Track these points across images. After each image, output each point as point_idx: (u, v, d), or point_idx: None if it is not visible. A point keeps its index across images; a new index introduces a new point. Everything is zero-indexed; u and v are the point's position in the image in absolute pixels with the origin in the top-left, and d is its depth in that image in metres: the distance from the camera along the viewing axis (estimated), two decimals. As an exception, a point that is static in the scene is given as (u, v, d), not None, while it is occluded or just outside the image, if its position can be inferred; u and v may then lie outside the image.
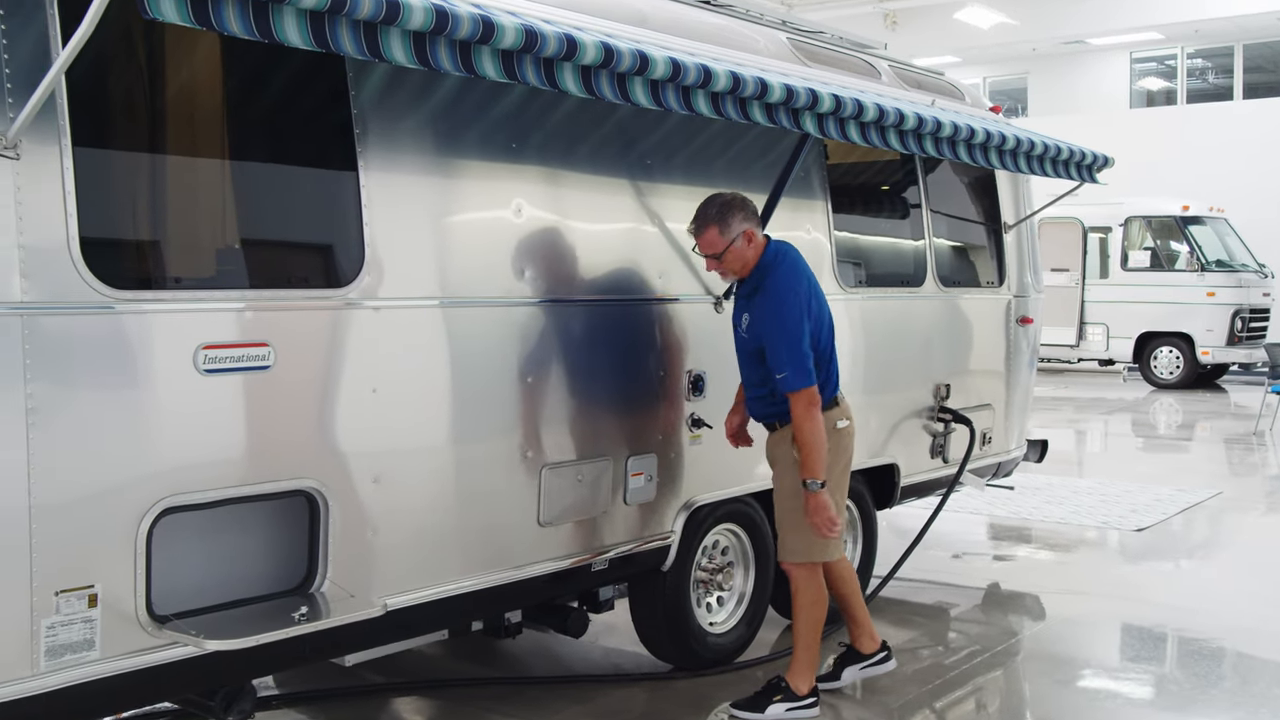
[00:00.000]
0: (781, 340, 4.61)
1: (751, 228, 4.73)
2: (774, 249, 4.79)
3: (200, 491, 3.50)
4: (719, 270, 4.81)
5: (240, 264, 3.70)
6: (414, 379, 4.05)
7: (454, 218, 4.22)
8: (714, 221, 4.69)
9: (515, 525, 4.42)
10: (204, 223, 3.66)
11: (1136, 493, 9.96)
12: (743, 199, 4.77)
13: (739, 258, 4.73)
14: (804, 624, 4.90)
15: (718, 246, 4.71)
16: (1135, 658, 5.89)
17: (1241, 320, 18.72)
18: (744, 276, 4.82)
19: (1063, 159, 6.42)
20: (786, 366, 4.60)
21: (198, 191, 3.64)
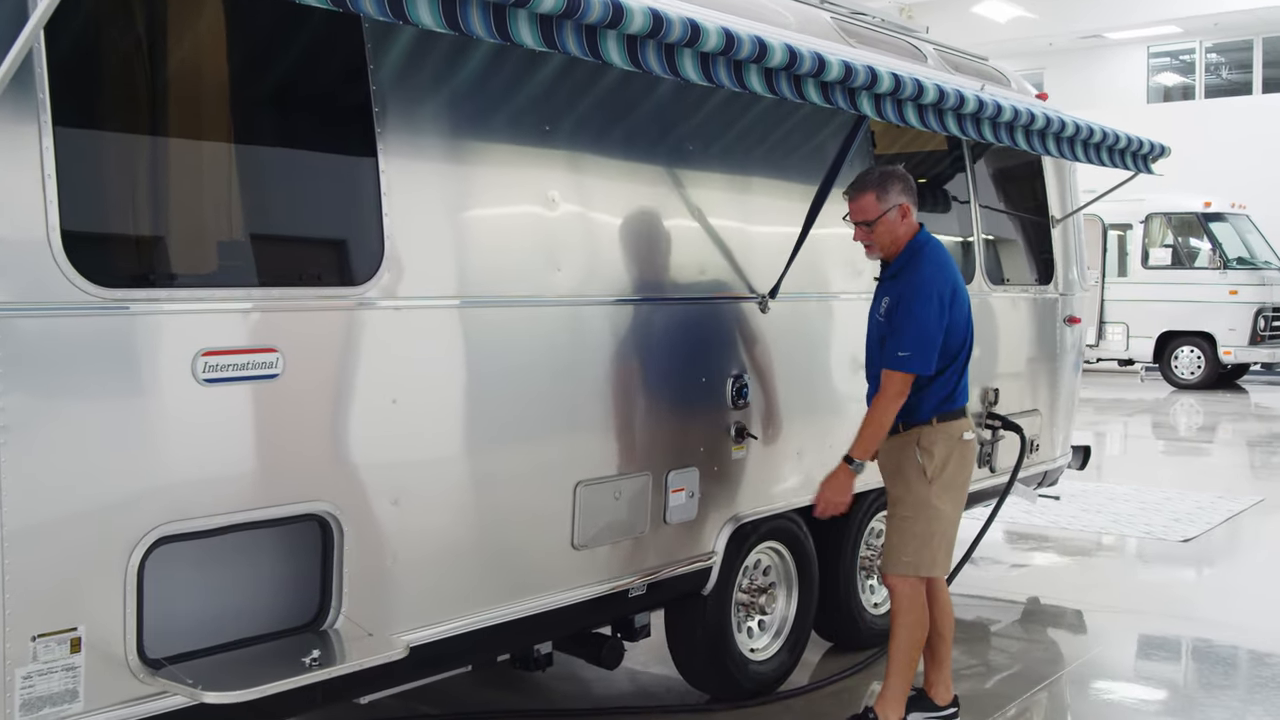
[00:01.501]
0: (912, 322, 4.33)
1: (909, 204, 4.46)
2: (926, 235, 4.51)
3: (200, 518, 3.08)
4: (866, 242, 4.51)
5: (245, 259, 3.28)
6: (438, 388, 3.63)
7: (482, 208, 3.80)
8: (873, 187, 4.43)
9: (548, 549, 4.00)
10: (204, 212, 3.22)
11: (1176, 500, 9.55)
12: (905, 173, 4.50)
13: (890, 231, 4.44)
14: (902, 646, 4.52)
15: (870, 214, 4.42)
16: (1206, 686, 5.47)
17: (1265, 319, 18.30)
18: (890, 257, 4.52)
19: (1120, 147, 6.01)
20: (910, 347, 4.32)
21: (198, 177, 3.21)
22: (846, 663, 5.49)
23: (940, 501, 4.45)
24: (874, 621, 5.71)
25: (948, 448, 4.45)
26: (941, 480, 4.44)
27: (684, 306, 4.50)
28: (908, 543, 4.48)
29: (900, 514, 4.52)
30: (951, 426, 4.47)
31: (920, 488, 4.45)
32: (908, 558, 4.48)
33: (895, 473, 4.57)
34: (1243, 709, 5.08)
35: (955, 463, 4.46)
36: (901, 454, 4.52)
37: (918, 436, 4.46)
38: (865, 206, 4.44)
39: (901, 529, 4.51)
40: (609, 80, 4.14)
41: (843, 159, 4.75)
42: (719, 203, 4.64)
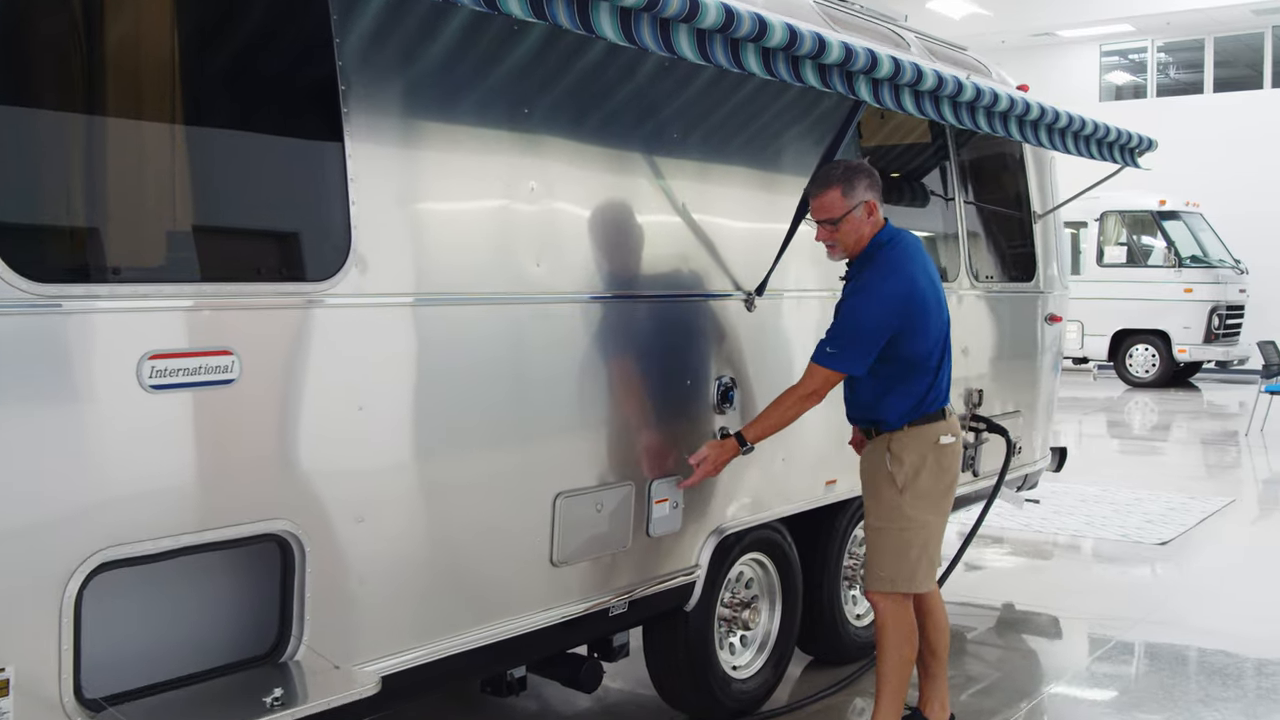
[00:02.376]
0: (850, 319, 4.09)
1: (875, 200, 4.15)
2: (888, 235, 4.19)
3: (146, 541, 2.75)
4: (830, 241, 4.20)
5: (196, 252, 2.93)
6: (409, 393, 3.31)
7: (457, 198, 3.48)
8: (838, 182, 4.11)
9: (526, 566, 3.70)
10: (150, 200, 2.88)
11: (1147, 501, 9.42)
12: (870, 167, 4.20)
13: (855, 230, 4.14)
14: (891, 666, 4.23)
15: (835, 211, 4.11)
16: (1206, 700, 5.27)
17: (1219, 317, 18.35)
18: (854, 255, 4.21)
19: (1109, 140, 5.84)
20: (839, 344, 4.07)
21: (143, 160, 2.87)
22: (829, 678, 5.24)
23: (914, 510, 4.17)
24: (858, 634, 5.46)
25: (920, 454, 4.16)
26: (914, 488, 4.15)
27: (668, 304, 4.21)
28: (883, 556, 4.21)
29: (873, 525, 4.25)
30: (925, 431, 4.17)
31: (890, 496, 4.17)
32: (884, 572, 4.22)
33: (867, 481, 4.32)
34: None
35: (930, 469, 4.17)
36: (873, 460, 4.26)
37: (888, 441, 4.19)
38: (830, 204, 4.11)
39: (876, 542, 4.24)
40: (590, 63, 3.84)
41: (836, 147, 4.49)
42: (704, 194, 4.36)
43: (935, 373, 4.19)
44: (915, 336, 4.10)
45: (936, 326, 4.17)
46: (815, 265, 4.92)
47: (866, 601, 5.58)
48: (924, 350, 4.14)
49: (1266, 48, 21.98)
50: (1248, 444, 12.92)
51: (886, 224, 4.22)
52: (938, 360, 4.19)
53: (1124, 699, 5.12)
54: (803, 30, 3.67)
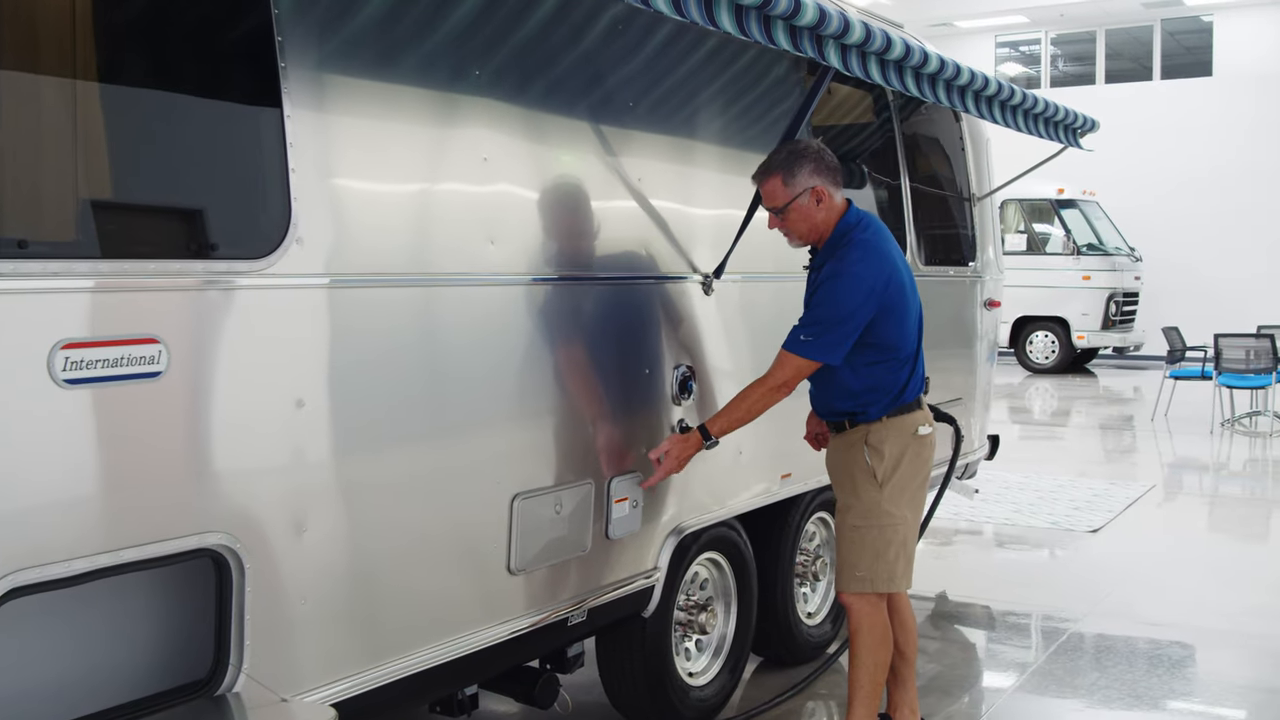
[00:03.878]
0: (826, 306, 3.80)
1: (824, 186, 3.85)
2: (857, 218, 3.91)
3: (60, 562, 2.35)
4: (783, 230, 3.93)
5: (117, 224, 2.54)
6: (354, 387, 2.94)
7: (407, 168, 3.12)
8: (779, 169, 3.85)
9: (482, 576, 3.36)
10: (64, 163, 2.47)
11: (1070, 488, 9.38)
12: (819, 150, 3.89)
13: (805, 218, 3.87)
14: (865, 669, 3.97)
15: (778, 200, 3.86)
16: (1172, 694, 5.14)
17: (1116, 304, 18.64)
18: (817, 244, 3.95)
19: (1057, 119, 5.72)
20: (815, 331, 3.79)
21: (53, 119, 2.46)
22: (782, 680, 4.99)
23: (893, 506, 3.92)
24: (810, 633, 5.22)
25: (900, 445, 3.92)
26: (894, 482, 3.91)
27: (625, 288, 3.91)
28: (861, 555, 3.95)
29: (850, 523, 3.97)
30: (903, 422, 3.93)
31: (870, 492, 3.92)
32: (861, 572, 3.95)
33: (843, 477, 4.04)
34: (1209, 717, 4.77)
35: (909, 462, 3.93)
36: (848, 454, 3.99)
37: (865, 435, 3.93)
38: (773, 192, 3.87)
39: (853, 540, 3.97)
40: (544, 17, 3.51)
41: (801, 120, 4.22)
42: (661, 169, 4.06)
43: (914, 360, 3.96)
44: (893, 322, 3.85)
45: (914, 312, 3.94)
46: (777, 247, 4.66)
47: (818, 599, 5.39)
48: (902, 336, 3.90)
49: (1155, 41, 22.40)
50: (1154, 429, 13.05)
51: (851, 206, 3.94)
52: (915, 347, 3.96)
53: (1091, 696, 4.96)
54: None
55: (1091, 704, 4.86)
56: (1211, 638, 5.78)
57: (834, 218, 3.89)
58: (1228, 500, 9.82)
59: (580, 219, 3.72)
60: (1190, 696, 5.01)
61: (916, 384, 3.99)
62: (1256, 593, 6.55)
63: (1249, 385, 12.76)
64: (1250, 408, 13.28)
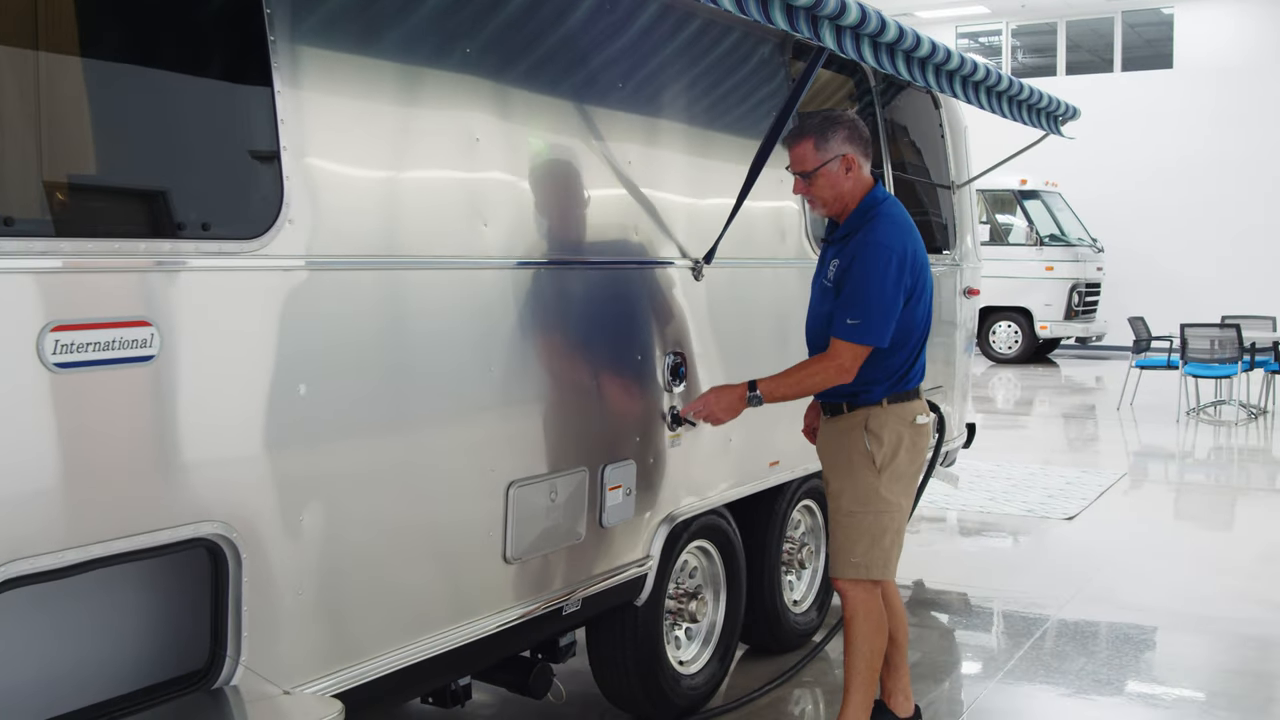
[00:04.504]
0: (866, 287, 3.71)
1: (855, 155, 3.83)
2: (883, 194, 3.89)
3: (51, 553, 2.26)
4: (807, 196, 3.90)
5: (104, 202, 2.44)
6: (354, 372, 2.87)
7: (399, 147, 3.04)
8: (812, 133, 3.83)
9: (478, 564, 3.29)
10: (49, 141, 2.37)
11: (1042, 475, 9.41)
12: (854, 120, 3.89)
13: (831, 186, 3.83)
14: (862, 656, 3.93)
15: (808, 163, 3.82)
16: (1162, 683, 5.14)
17: (1078, 294, 18.76)
18: (840, 216, 3.90)
19: (1040, 106, 5.72)
20: (861, 314, 3.70)
21: (41, 92, 2.36)
22: (769, 668, 4.94)
23: (890, 493, 3.88)
24: (796, 621, 5.18)
25: (898, 432, 3.87)
26: (892, 469, 3.87)
27: (617, 272, 3.84)
28: (856, 541, 3.90)
29: (846, 508, 3.92)
30: (903, 409, 3.89)
31: (868, 478, 3.87)
32: (857, 559, 3.91)
33: (839, 462, 3.98)
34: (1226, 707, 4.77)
35: (906, 449, 3.89)
36: (847, 439, 3.92)
37: (865, 420, 3.87)
38: (803, 155, 3.84)
39: (849, 526, 3.92)
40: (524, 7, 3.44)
41: (795, 101, 4.17)
42: (651, 152, 3.99)
43: (921, 346, 3.93)
44: (916, 300, 3.82)
45: (928, 296, 3.91)
46: (768, 232, 4.63)
47: (803, 586, 5.35)
48: (918, 317, 3.87)
49: (1116, 33, 22.56)
50: (1120, 418, 13.13)
51: (878, 183, 3.92)
52: (923, 332, 3.92)
53: (1080, 681, 4.95)
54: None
55: (1080, 689, 4.85)
56: (1193, 622, 5.79)
57: (860, 190, 3.86)
58: (1198, 488, 9.88)
59: (571, 202, 3.65)
60: (1178, 681, 5.02)
61: (919, 371, 3.96)
62: (1232, 577, 6.58)
63: (1214, 375, 12.86)
64: (1215, 397, 13.40)
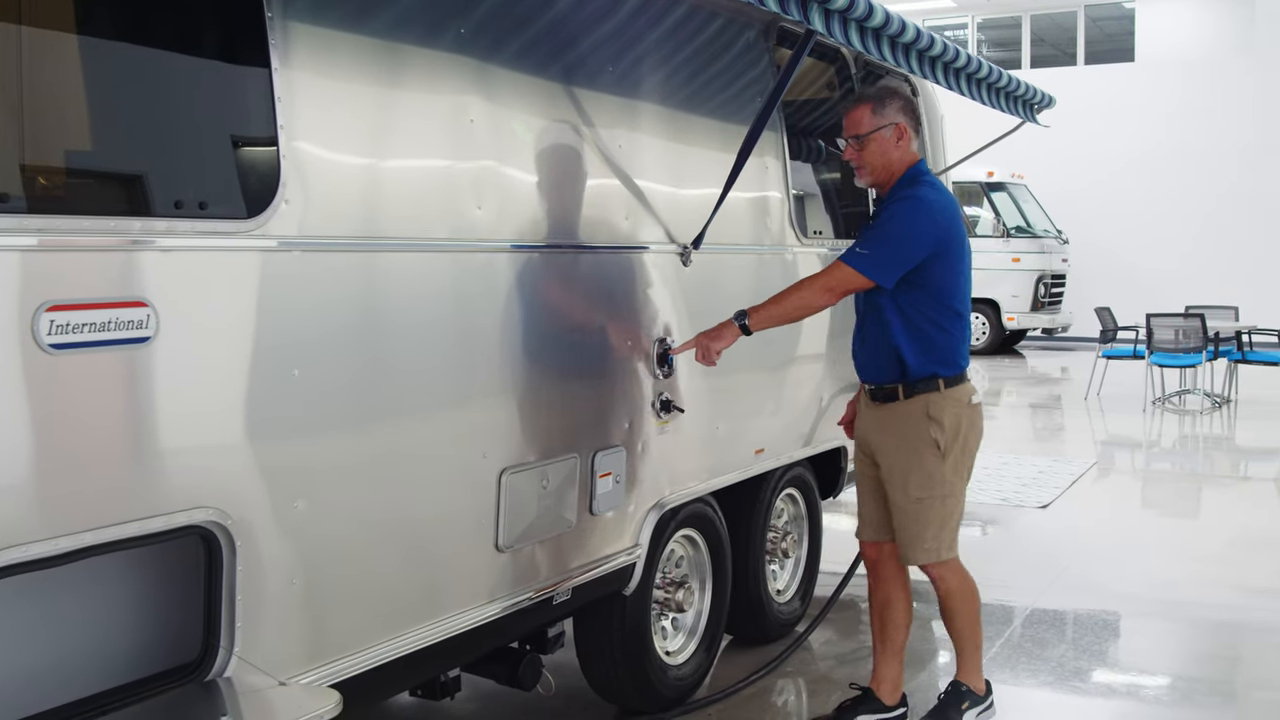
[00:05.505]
0: (888, 226, 3.86)
1: (908, 126, 3.93)
2: (926, 169, 3.98)
3: (41, 541, 2.20)
4: (856, 162, 3.97)
5: (102, 178, 2.39)
6: (349, 356, 2.82)
7: (396, 128, 2.99)
8: (870, 99, 3.96)
9: (471, 552, 3.25)
10: (44, 118, 2.30)
11: (1014, 465, 9.45)
12: (910, 94, 4.02)
13: (882, 152, 3.91)
14: (968, 622, 4.12)
15: (863, 127, 3.92)
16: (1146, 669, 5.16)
17: (1044, 286, 18.88)
18: (883, 187, 3.99)
19: (1018, 94, 5.76)
20: (872, 246, 3.83)
21: (35, 69, 2.29)
22: (753, 659, 4.92)
23: (955, 477, 3.95)
24: (780, 610, 5.17)
25: (957, 415, 3.91)
26: (955, 452, 3.92)
27: (609, 257, 3.81)
28: (927, 526, 3.95)
29: (915, 495, 3.93)
30: (959, 391, 3.93)
31: (934, 463, 3.90)
32: (929, 544, 3.97)
33: (901, 448, 3.97)
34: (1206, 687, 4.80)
35: (966, 430, 3.94)
36: (908, 426, 3.93)
37: (925, 406, 3.89)
38: (859, 119, 3.94)
39: (918, 513, 3.94)
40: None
41: (782, 87, 4.14)
42: (642, 135, 3.96)
43: (967, 323, 3.99)
44: (950, 271, 3.87)
45: (969, 269, 3.96)
46: (755, 218, 4.62)
47: (785, 575, 5.33)
48: (958, 288, 3.91)
49: (1079, 26, 22.74)
50: (1088, 407, 13.23)
51: (921, 159, 3.99)
52: (968, 307, 3.98)
53: (1063, 667, 4.96)
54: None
55: (1061, 676, 4.86)
56: (1167, 608, 5.84)
57: (907, 162, 3.94)
58: (1166, 476, 9.98)
59: (565, 185, 3.61)
60: (1157, 667, 5.05)
61: (968, 351, 4.02)
62: (1203, 564, 6.64)
63: (1179, 364, 12.98)
64: (1180, 386, 13.52)
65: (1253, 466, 10.24)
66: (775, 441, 4.85)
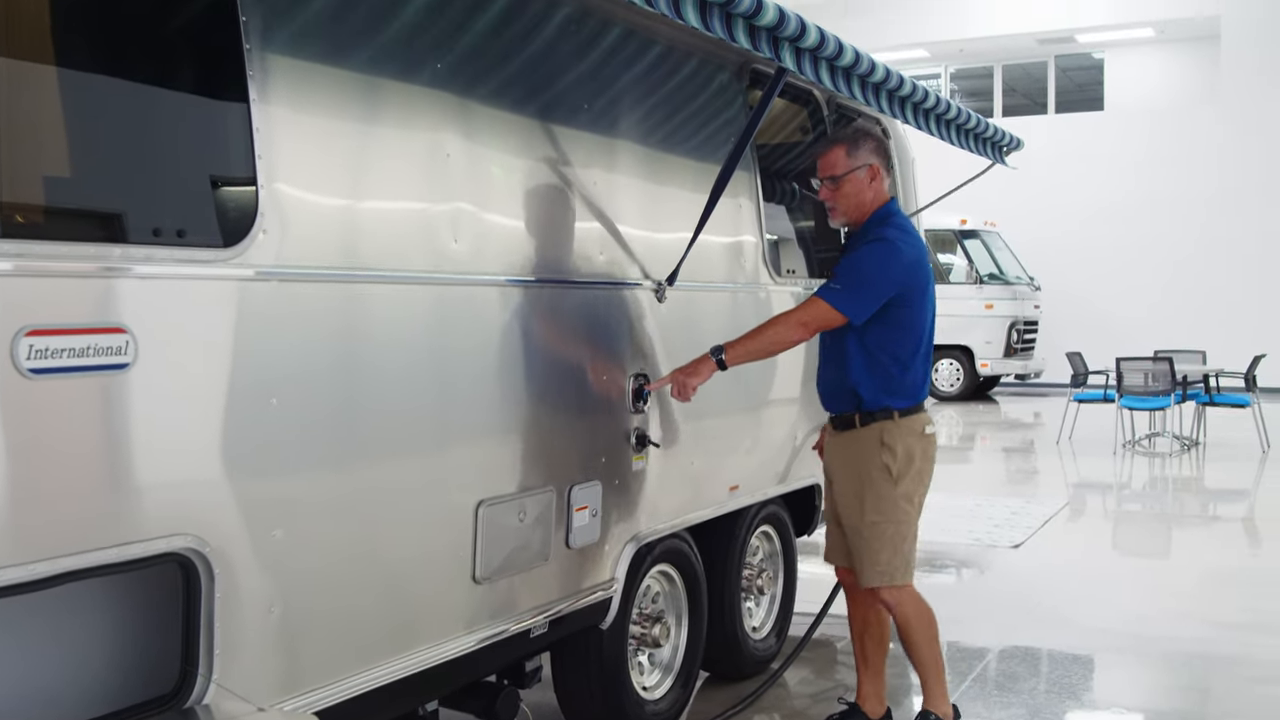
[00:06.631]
0: (859, 263, 3.94)
1: (880, 166, 4.05)
2: (898, 209, 4.10)
3: (17, 566, 2.21)
4: (831, 202, 4.09)
5: (83, 205, 2.41)
6: (327, 385, 2.84)
7: (374, 160, 3.03)
8: (844, 141, 4.09)
9: (448, 584, 3.26)
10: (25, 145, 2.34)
11: (986, 506, 9.51)
12: (881, 136, 4.14)
13: (856, 192, 4.03)
14: (926, 647, 4.13)
15: (839, 168, 4.04)
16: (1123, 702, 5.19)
17: (1017, 332, 19.05)
18: (855, 225, 4.10)
19: (986, 135, 5.86)
20: (844, 281, 3.92)
21: (15, 96, 2.33)
22: (729, 695, 4.92)
23: (908, 503, 4.07)
24: (755, 647, 5.17)
25: (909, 444, 4.04)
26: (909, 478, 4.04)
27: (586, 291, 3.84)
28: (880, 550, 4.05)
29: (869, 519, 4.06)
30: (913, 421, 4.07)
31: (887, 488, 4.02)
32: (881, 566, 4.06)
33: (855, 474, 4.11)
34: None
35: (919, 458, 4.07)
36: (862, 453, 4.07)
37: (880, 433, 4.03)
38: (834, 160, 4.06)
39: (872, 536, 4.05)
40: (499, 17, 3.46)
41: (754, 125, 4.21)
42: (618, 171, 4.01)
43: (927, 358, 4.11)
44: (915, 305, 3.99)
45: (931, 306, 4.09)
46: (731, 256, 4.68)
47: (761, 613, 5.34)
48: (922, 325, 4.03)
49: (1049, 76, 23.11)
50: (1059, 450, 13.32)
51: (892, 200, 4.10)
52: (929, 344, 4.10)
53: (1033, 700, 4.98)
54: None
55: (1034, 710, 4.88)
56: (1139, 643, 5.87)
57: (880, 201, 4.06)
58: (1137, 517, 10.06)
59: (540, 220, 3.65)
60: (1130, 700, 5.08)
61: (927, 383, 4.13)
62: (1174, 600, 6.71)
63: (1149, 407, 13.10)
64: (1150, 429, 13.64)
65: (1221, 507, 10.34)
66: (750, 478, 4.88)
